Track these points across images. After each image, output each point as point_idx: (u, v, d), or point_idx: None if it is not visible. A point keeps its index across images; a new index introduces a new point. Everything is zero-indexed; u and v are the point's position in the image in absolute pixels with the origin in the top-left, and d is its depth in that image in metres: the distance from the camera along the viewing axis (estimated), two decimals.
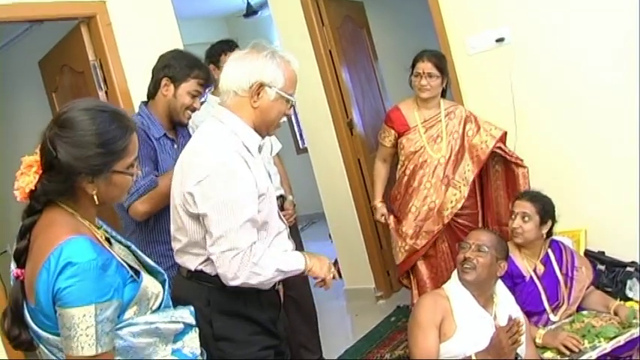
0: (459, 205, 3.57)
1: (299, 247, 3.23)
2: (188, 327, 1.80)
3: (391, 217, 3.77)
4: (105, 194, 1.68)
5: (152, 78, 2.83)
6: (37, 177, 1.61)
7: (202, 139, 2.21)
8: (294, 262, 2.22)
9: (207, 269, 2.15)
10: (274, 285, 2.28)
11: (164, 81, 2.76)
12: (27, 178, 1.61)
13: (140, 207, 2.61)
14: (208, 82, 2.82)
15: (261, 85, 2.14)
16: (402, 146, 3.68)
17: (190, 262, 2.20)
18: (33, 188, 1.61)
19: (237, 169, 2.06)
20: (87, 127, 1.60)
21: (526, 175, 3.56)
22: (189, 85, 2.76)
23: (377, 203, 3.85)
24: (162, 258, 2.58)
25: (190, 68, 2.76)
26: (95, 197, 1.65)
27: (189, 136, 3.07)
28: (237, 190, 2.04)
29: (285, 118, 2.28)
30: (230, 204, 2.03)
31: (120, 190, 1.73)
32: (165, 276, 1.82)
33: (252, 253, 2.06)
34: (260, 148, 2.24)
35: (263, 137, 2.25)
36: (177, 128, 2.92)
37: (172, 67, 2.76)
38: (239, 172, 2.06)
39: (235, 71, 2.18)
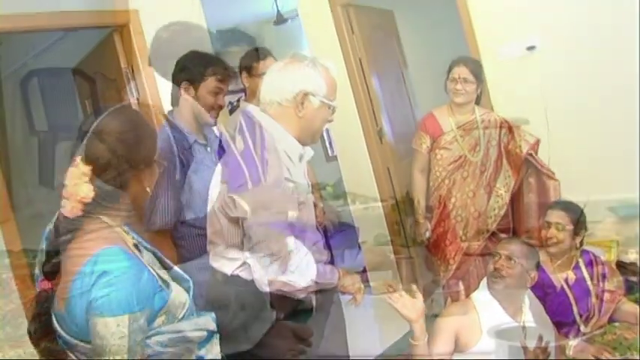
0: (502, 212, 3.58)
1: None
2: (210, 333, 1.80)
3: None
4: (150, 185, 1.72)
5: (172, 85, 2.83)
6: (92, 186, 1.59)
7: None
8: (329, 275, 2.22)
9: (244, 274, 2.15)
10: None
11: (184, 85, 2.76)
12: (85, 187, 1.57)
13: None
14: (227, 77, 2.79)
15: (306, 95, 2.15)
16: (440, 157, 3.68)
17: (226, 267, 2.19)
18: (89, 199, 1.59)
19: (280, 175, 2.06)
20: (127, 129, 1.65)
21: (557, 188, 3.54)
22: (208, 83, 2.74)
23: (421, 219, 3.80)
24: None
25: (205, 67, 2.75)
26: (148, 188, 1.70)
27: (218, 138, 3.09)
28: (279, 197, 2.03)
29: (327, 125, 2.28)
30: (271, 210, 2.02)
31: (154, 178, 1.75)
32: (191, 283, 1.82)
33: (289, 261, 2.05)
34: (301, 157, 2.22)
35: (306, 146, 2.24)
36: (206, 132, 2.91)
37: (188, 69, 2.76)
38: (281, 178, 2.06)
39: (278, 82, 2.17)
